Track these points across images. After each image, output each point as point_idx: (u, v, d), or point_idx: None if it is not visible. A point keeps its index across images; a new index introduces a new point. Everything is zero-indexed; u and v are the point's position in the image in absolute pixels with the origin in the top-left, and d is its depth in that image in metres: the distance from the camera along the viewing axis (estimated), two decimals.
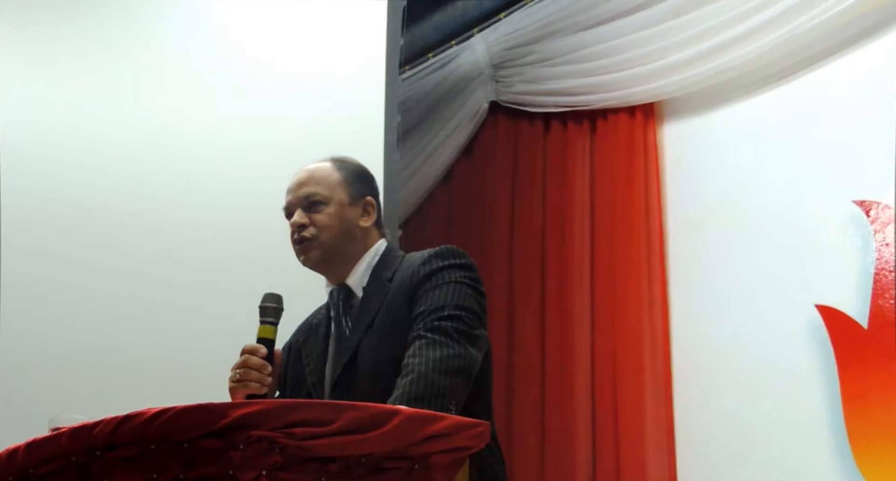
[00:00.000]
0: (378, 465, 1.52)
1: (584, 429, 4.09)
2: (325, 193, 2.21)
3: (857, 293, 3.40)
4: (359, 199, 2.24)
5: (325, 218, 2.19)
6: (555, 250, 4.37)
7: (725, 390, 3.76)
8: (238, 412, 1.47)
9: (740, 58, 3.75)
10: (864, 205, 3.43)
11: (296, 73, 3.81)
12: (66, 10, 3.74)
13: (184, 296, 3.55)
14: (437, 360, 1.92)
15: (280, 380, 2.25)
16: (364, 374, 2.09)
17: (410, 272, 2.12)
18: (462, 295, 2.05)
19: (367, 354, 2.10)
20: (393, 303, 2.11)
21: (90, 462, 1.50)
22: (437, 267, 2.10)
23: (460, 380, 1.93)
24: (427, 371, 1.89)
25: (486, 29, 4.69)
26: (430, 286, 2.07)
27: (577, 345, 4.16)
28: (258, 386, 2.04)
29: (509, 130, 4.71)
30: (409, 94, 4.75)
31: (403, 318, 2.07)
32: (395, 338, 2.05)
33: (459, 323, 2.00)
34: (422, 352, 1.94)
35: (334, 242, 2.19)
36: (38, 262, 3.52)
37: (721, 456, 3.74)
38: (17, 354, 3.42)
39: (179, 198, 3.65)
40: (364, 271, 2.20)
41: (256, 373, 2.04)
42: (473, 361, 1.99)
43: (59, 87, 3.68)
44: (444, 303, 2.03)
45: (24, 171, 3.56)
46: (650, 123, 4.16)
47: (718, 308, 3.84)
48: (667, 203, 4.09)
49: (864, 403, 3.34)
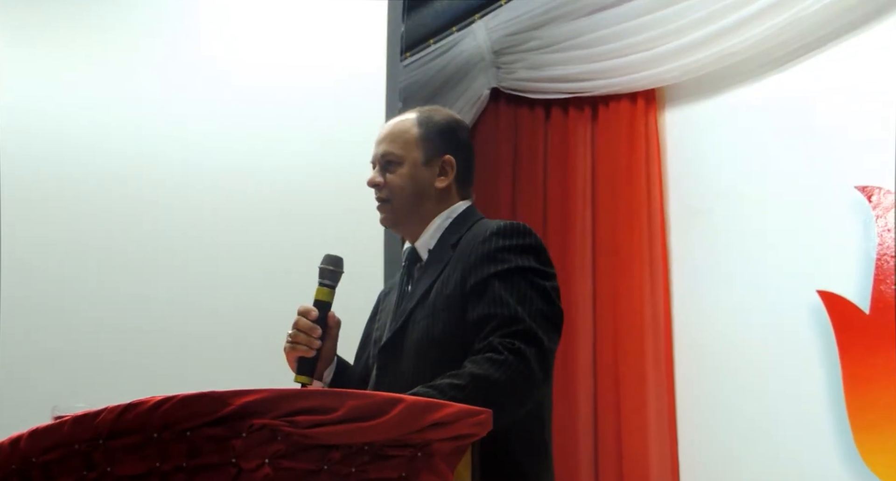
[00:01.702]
0: (380, 453, 1.52)
1: (585, 416, 4.10)
2: (400, 152, 2.12)
3: (859, 278, 3.40)
4: (436, 158, 2.13)
5: (398, 179, 2.12)
6: (556, 237, 4.37)
7: (727, 376, 3.77)
8: (240, 400, 1.47)
9: (742, 43, 3.74)
10: (865, 190, 3.43)
11: (297, 61, 3.80)
12: (69, 10, 3.73)
13: (189, 285, 3.56)
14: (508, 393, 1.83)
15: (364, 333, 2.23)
16: (409, 348, 2.02)
17: (471, 247, 2.01)
18: (535, 298, 1.92)
19: (416, 326, 2.03)
20: (449, 277, 2.01)
21: (93, 450, 1.50)
22: (500, 245, 1.98)
23: (521, 404, 1.88)
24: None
25: (488, 15, 4.67)
26: (492, 272, 1.95)
27: (579, 331, 4.16)
28: (306, 349, 2.02)
29: (510, 117, 4.70)
30: (410, 81, 4.74)
31: (455, 297, 1.98)
32: (444, 316, 1.98)
33: (539, 348, 1.88)
34: (491, 371, 1.83)
35: (406, 204, 2.12)
36: (40, 250, 3.52)
37: (723, 440, 3.74)
38: (21, 343, 3.42)
39: (180, 185, 3.65)
40: (433, 234, 2.12)
41: (304, 336, 2.02)
42: (538, 384, 1.91)
43: (60, 87, 3.67)
44: (516, 310, 1.89)
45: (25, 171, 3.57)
46: (651, 109, 4.16)
47: (720, 293, 3.84)
48: (668, 189, 4.09)
49: (866, 388, 3.34)
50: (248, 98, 3.75)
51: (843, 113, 3.53)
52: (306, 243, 3.27)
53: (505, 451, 1.89)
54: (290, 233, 3.58)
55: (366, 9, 3.85)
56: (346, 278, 2.10)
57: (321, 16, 3.85)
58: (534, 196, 4.53)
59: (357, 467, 1.51)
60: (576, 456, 4.08)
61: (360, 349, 2.24)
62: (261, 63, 3.78)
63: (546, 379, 1.95)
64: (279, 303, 2.27)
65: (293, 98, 3.76)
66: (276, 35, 3.82)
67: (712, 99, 3.98)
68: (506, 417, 1.78)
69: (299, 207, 3.66)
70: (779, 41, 3.67)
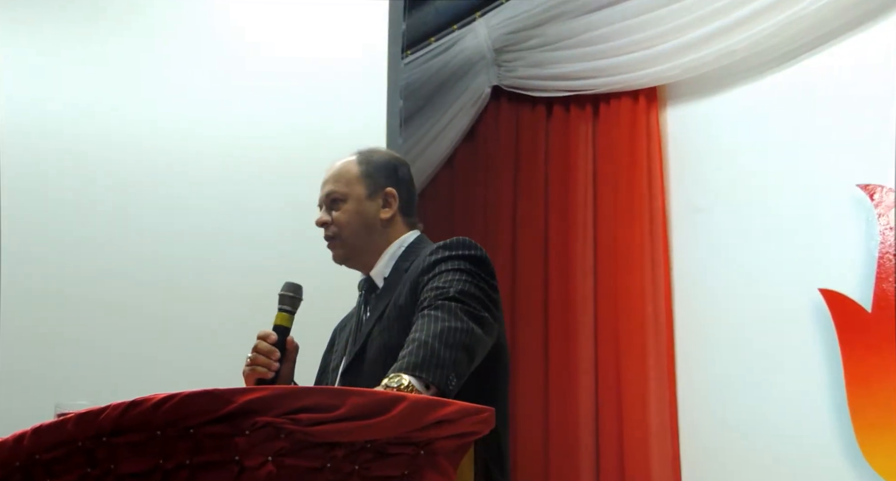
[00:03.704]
0: (383, 451, 1.52)
1: (587, 414, 4.10)
2: (344, 190, 2.23)
3: (861, 276, 3.40)
4: (378, 191, 2.24)
5: (344, 215, 2.22)
6: (558, 235, 4.37)
7: (729, 374, 3.77)
8: (244, 398, 1.47)
9: (744, 41, 3.74)
10: (867, 188, 3.43)
11: (298, 59, 3.80)
12: (75, 9, 3.73)
13: (192, 283, 3.56)
14: (438, 332, 1.89)
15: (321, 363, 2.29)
16: (371, 362, 2.10)
17: (421, 261, 2.12)
18: (465, 282, 2.03)
19: (374, 343, 2.11)
20: (401, 292, 2.11)
21: (96, 447, 1.50)
22: (443, 256, 2.09)
23: (462, 354, 1.90)
24: (428, 341, 1.87)
25: (489, 13, 4.67)
26: (434, 273, 2.07)
27: (581, 329, 4.17)
28: (264, 371, 2.08)
29: (512, 115, 4.70)
30: (411, 79, 4.74)
31: (407, 307, 2.07)
32: (400, 325, 2.06)
33: (462, 303, 1.98)
34: (423, 327, 1.92)
35: (355, 238, 2.22)
36: (42, 246, 3.53)
37: (724, 439, 3.75)
38: (24, 340, 3.43)
39: (182, 182, 3.65)
40: (387, 262, 2.22)
41: (263, 358, 2.09)
42: (477, 338, 1.95)
43: (63, 87, 3.67)
44: (446, 287, 2.01)
45: (26, 169, 3.56)
46: (653, 107, 4.16)
47: (721, 292, 3.84)
48: (670, 187, 4.09)
49: (868, 386, 3.34)
50: (249, 95, 3.74)
51: (844, 110, 3.53)
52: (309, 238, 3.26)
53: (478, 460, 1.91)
54: (292, 230, 3.57)
55: (367, 7, 3.85)
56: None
57: (322, 14, 3.85)
58: (535, 194, 4.53)
59: (360, 465, 1.51)
60: (577, 454, 4.08)
61: (318, 379, 2.30)
62: (261, 60, 3.78)
63: (475, 323, 1.97)
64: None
65: (294, 96, 3.76)
66: (276, 32, 3.82)
67: (714, 97, 3.98)
68: (454, 354, 1.86)
69: (300, 204, 3.65)
70: (780, 39, 3.67)
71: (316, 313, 2.27)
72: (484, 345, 1.99)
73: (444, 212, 4.84)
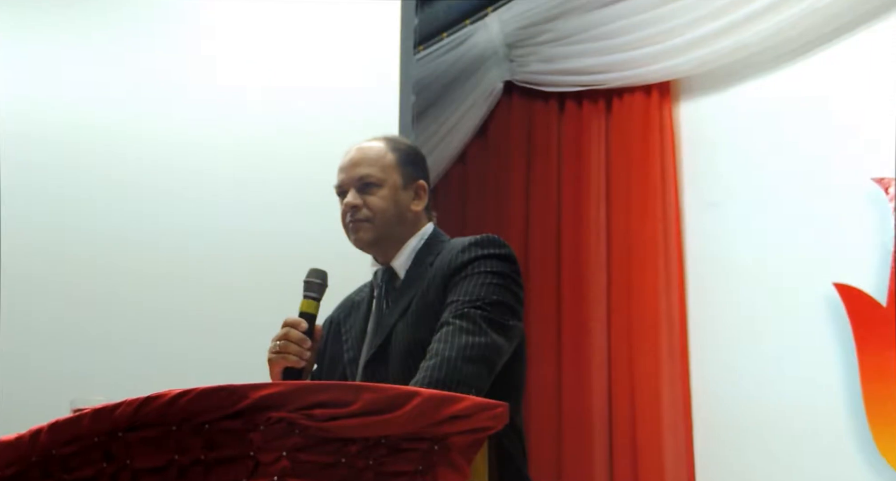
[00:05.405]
0: (397, 446, 1.52)
1: (600, 408, 4.09)
2: (380, 175, 2.19)
3: (876, 271, 3.39)
4: (412, 183, 2.22)
5: (380, 201, 2.18)
6: (571, 230, 4.36)
7: (743, 369, 3.76)
8: (258, 393, 1.47)
9: (757, 35, 3.73)
10: (882, 182, 3.42)
11: (310, 55, 3.80)
12: (79, 11, 3.74)
13: (207, 281, 3.56)
14: (461, 347, 1.92)
15: (318, 355, 2.25)
16: (395, 356, 2.09)
17: (449, 258, 2.11)
18: (496, 287, 2.04)
19: (400, 337, 2.10)
20: (429, 287, 2.11)
21: (112, 442, 1.51)
22: (475, 256, 2.09)
23: (483, 369, 1.93)
24: (451, 356, 1.89)
25: (501, 8, 4.66)
26: (465, 274, 2.07)
27: (594, 324, 4.16)
28: (296, 360, 2.05)
29: (524, 110, 4.69)
30: (423, 74, 4.73)
31: (437, 303, 2.07)
32: (427, 321, 2.06)
33: (489, 312, 1.99)
34: (447, 337, 1.94)
35: (387, 225, 2.18)
36: (62, 245, 3.54)
37: (738, 434, 3.74)
38: (40, 337, 3.44)
39: (196, 180, 3.66)
40: (409, 254, 2.20)
41: (295, 347, 2.05)
42: (499, 350, 1.98)
43: (63, 87, 3.68)
44: (477, 293, 2.02)
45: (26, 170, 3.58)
46: (666, 102, 4.15)
47: (735, 286, 3.83)
48: (683, 182, 4.08)
49: (883, 381, 3.33)
50: (261, 91, 3.74)
51: (858, 104, 3.52)
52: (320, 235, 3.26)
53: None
54: (304, 224, 3.58)
55: (379, 2, 3.85)
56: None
57: (334, 10, 3.85)
58: (548, 189, 4.52)
59: (374, 460, 1.51)
60: (591, 449, 4.08)
61: (329, 372, 2.25)
62: (273, 58, 3.78)
63: (499, 333, 1.99)
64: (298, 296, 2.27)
65: (306, 91, 3.76)
66: (288, 30, 3.82)
67: (727, 91, 3.97)
68: (471, 368, 1.90)
69: (312, 199, 3.66)
70: (794, 33, 3.66)
71: (321, 310, 2.23)
72: (505, 354, 2.01)
73: (456, 207, 4.84)
